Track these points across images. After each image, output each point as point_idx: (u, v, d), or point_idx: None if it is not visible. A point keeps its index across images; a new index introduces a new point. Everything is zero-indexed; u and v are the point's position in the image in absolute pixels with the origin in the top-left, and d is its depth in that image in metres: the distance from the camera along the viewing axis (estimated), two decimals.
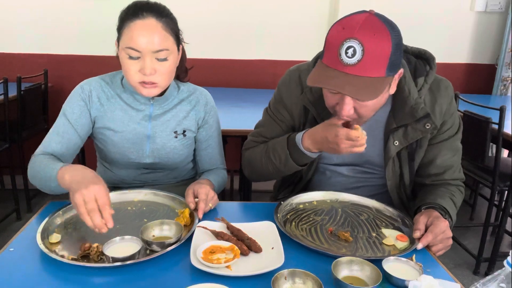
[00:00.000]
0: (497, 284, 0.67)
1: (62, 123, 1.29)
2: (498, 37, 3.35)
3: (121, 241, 0.97)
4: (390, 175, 1.27)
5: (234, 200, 3.09)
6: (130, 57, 1.19)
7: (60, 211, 1.11)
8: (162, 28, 1.19)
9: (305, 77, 1.25)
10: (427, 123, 1.17)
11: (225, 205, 1.26)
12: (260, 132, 1.37)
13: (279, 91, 1.33)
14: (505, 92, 3.33)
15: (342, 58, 1.00)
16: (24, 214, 2.92)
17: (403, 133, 1.20)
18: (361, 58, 0.98)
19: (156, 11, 1.20)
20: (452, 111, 1.23)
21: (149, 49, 1.17)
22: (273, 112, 1.34)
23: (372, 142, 1.24)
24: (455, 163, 1.27)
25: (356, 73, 1.00)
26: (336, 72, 1.02)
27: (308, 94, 1.24)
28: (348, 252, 1.00)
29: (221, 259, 0.92)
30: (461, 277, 2.43)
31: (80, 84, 1.33)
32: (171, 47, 1.21)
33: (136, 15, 1.18)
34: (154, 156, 1.36)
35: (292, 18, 3.20)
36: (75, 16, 3.05)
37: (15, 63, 3.13)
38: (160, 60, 1.19)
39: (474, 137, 2.37)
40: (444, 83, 1.23)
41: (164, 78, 1.23)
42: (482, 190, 3.26)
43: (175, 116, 1.36)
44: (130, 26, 1.18)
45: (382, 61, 1.00)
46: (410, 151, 1.24)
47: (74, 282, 0.87)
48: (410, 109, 1.17)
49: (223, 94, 3.02)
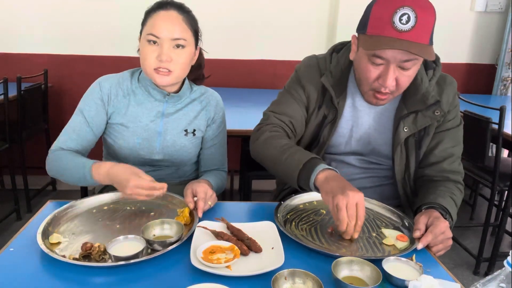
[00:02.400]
0: (497, 284, 0.67)
1: (79, 121, 1.32)
2: (498, 37, 3.35)
3: (124, 240, 0.97)
4: (398, 163, 1.29)
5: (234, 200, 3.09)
6: (149, 42, 1.25)
7: (60, 211, 1.11)
8: (183, 21, 1.27)
9: (322, 63, 1.33)
10: (437, 110, 1.23)
11: (225, 205, 1.26)
12: (282, 110, 1.31)
13: (297, 73, 1.36)
14: (505, 92, 3.33)
15: (396, 25, 1.06)
16: (24, 214, 2.92)
17: (413, 119, 1.25)
18: (415, 24, 1.05)
19: (179, 6, 1.30)
20: (455, 103, 1.29)
21: (168, 37, 1.24)
22: (290, 90, 1.34)
23: (381, 130, 1.30)
24: (455, 153, 1.30)
25: (410, 39, 1.06)
26: (392, 38, 1.07)
27: (328, 76, 1.29)
28: (348, 252, 1.00)
29: (221, 259, 0.92)
30: (461, 277, 2.43)
31: (99, 81, 1.36)
32: (189, 38, 1.28)
33: (161, 7, 1.27)
34: (164, 153, 1.39)
35: (292, 18, 3.20)
36: (75, 16, 3.05)
37: (15, 63, 3.13)
38: (177, 48, 1.26)
39: (474, 137, 2.37)
40: (449, 78, 1.31)
41: (179, 67, 1.28)
42: (482, 190, 3.26)
43: (186, 115, 1.40)
44: (153, 16, 1.26)
45: (429, 29, 1.08)
46: (417, 138, 1.27)
47: (74, 282, 0.87)
48: (422, 96, 1.23)
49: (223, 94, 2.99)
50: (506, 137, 2.26)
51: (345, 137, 1.33)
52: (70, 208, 1.14)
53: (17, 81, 2.62)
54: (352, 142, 1.32)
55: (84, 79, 1.34)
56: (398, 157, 1.28)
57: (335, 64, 1.30)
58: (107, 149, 1.45)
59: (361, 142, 1.32)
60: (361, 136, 1.32)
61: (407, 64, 1.11)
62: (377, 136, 1.30)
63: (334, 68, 1.29)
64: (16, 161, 2.79)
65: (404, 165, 1.30)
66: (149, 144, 1.37)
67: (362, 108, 1.30)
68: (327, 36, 3.26)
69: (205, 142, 1.46)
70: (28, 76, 2.81)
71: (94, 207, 1.17)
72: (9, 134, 2.67)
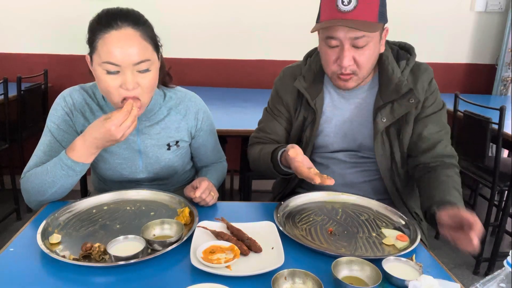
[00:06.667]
0: (497, 284, 0.67)
1: (48, 141, 1.21)
2: (498, 37, 3.35)
3: (124, 240, 0.97)
4: (380, 153, 1.31)
5: (234, 200, 3.10)
6: (108, 72, 1.08)
7: (60, 211, 1.11)
8: (141, 37, 1.09)
9: (297, 71, 1.40)
10: (411, 98, 1.26)
11: (225, 205, 1.26)
12: (261, 128, 1.46)
13: (275, 87, 1.45)
14: (505, 92, 3.33)
15: (339, 7, 1.14)
16: (24, 214, 2.92)
17: (390, 109, 1.28)
18: (357, 4, 1.13)
19: (132, 19, 1.10)
20: (432, 89, 1.32)
21: (129, 62, 1.07)
22: (271, 108, 1.45)
23: (363, 123, 1.33)
24: (444, 138, 1.32)
25: (354, 18, 1.13)
26: (338, 19, 1.15)
27: (301, 80, 1.35)
28: (348, 252, 1.00)
29: (221, 259, 0.92)
30: (461, 277, 2.43)
31: (62, 96, 1.25)
32: (151, 57, 1.12)
33: (110, 25, 1.07)
34: (149, 171, 1.32)
35: (292, 18, 3.20)
36: (75, 16, 3.05)
37: (15, 63, 3.14)
38: (142, 72, 1.10)
39: (474, 137, 2.37)
40: (423, 66, 1.33)
41: (147, 92, 1.13)
42: (482, 190, 3.25)
43: (166, 129, 1.30)
44: (105, 39, 1.07)
45: (374, 7, 1.15)
46: (397, 127, 1.31)
47: (74, 282, 0.87)
48: (395, 86, 1.28)
49: (223, 94, 3.02)
50: (506, 137, 2.26)
51: (330, 137, 1.36)
52: (70, 208, 1.14)
53: (17, 81, 2.63)
54: (339, 140, 1.36)
55: (84, 79, 1.31)
56: (379, 148, 1.31)
57: (308, 68, 1.37)
58: (93, 171, 1.39)
59: (347, 139, 1.35)
60: (346, 133, 1.35)
61: (359, 42, 1.16)
62: (360, 130, 1.34)
63: (306, 72, 1.36)
64: (16, 161, 2.79)
65: (390, 156, 1.32)
66: (131, 164, 1.29)
67: (341, 105, 1.35)
68: None
69: (198, 149, 1.42)
70: (28, 76, 2.82)
71: (94, 207, 1.17)
72: (9, 134, 2.67)
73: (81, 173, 1.13)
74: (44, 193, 1.14)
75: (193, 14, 3.13)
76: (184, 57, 3.19)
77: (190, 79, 3.23)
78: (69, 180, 1.13)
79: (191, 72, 3.26)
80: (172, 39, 3.03)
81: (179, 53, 3.16)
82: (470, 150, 2.45)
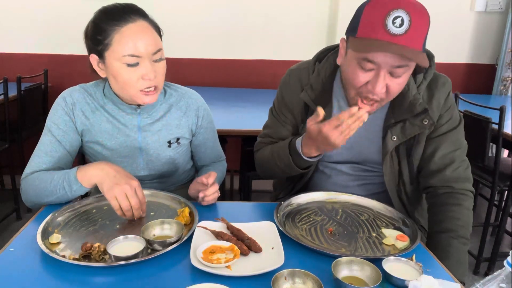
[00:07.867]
0: (497, 284, 0.67)
1: (48, 141, 1.21)
2: (498, 37, 3.35)
3: (124, 240, 0.97)
4: (388, 171, 1.26)
5: (234, 200, 3.10)
6: (128, 65, 1.11)
7: (60, 211, 1.11)
8: (153, 28, 1.16)
9: (305, 75, 1.29)
10: (425, 118, 1.18)
11: (225, 205, 1.26)
12: (267, 134, 1.39)
13: (280, 91, 1.36)
14: (505, 92, 3.33)
15: (389, 28, 1.00)
16: (24, 214, 2.92)
17: (401, 128, 1.21)
18: (408, 28, 1.00)
19: (141, 12, 1.15)
20: (449, 105, 1.23)
21: (148, 52, 1.12)
22: (277, 112, 1.37)
23: (371, 138, 1.26)
24: (457, 158, 1.24)
25: (403, 43, 1.00)
26: (385, 41, 1.01)
27: (308, 91, 1.26)
28: (348, 252, 1.00)
29: (221, 259, 0.92)
30: None
31: (62, 96, 1.25)
32: (162, 46, 1.18)
33: (125, 19, 1.11)
34: (149, 168, 1.32)
35: (292, 18, 3.20)
36: (75, 16, 3.05)
37: (15, 63, 3.14)
38: (157, 61, 1.15)
39: (474, 137, 2.36)
40: (442, 79, 1.24)
41: (161, 80, 1.19)
42: (482, 190, 3.25)
43: (167, 125, 1.30)
44: (123, 32, 1.10)
45: (422, 34, 1.03)
46: (407, 146, 1.24)
47: (74, 282, 0.87)
48: (409, 104, 1.18)
49: (223, 94, 3.02)
50: (506, 137, 2.26)
51: None
52: (70, 208, 1.14)
53: (17, 81, 2.63)
54: (344, 152, 1.29)
55: (84, 79, 1.31)
56: (388, 166, 1.25)
57: (316, 76, 1.26)
58: None
59: (353, 151, 1.29)
60: (352, 146, 1.28)
61: (398, 71, 1.05)
62: (368, 145, 1.27)
63: (314, 80, 1.26)
64: (16, 161, 2.79)
65: (397, 174, 1.27)
66: (131, 161, 1.29)
67: None
68: (327, 36, 3.26)
69: (198, 147, 1.42)
70: (28, 76, 2.81)
71: (94, 207, 1.17)
72: (9, 134, 2.67)
73: (75, 193, 1.12)
74: (41, 199, 1.16)
75: (193, 14, 3.13)
76: (184, 57, 3.19)
77: (190, 79, 3.23)
78: (64, 196, 1.13)
79: (191, 72, 3.25)
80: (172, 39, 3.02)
81: (179, 53, 3.16)
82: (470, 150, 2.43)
